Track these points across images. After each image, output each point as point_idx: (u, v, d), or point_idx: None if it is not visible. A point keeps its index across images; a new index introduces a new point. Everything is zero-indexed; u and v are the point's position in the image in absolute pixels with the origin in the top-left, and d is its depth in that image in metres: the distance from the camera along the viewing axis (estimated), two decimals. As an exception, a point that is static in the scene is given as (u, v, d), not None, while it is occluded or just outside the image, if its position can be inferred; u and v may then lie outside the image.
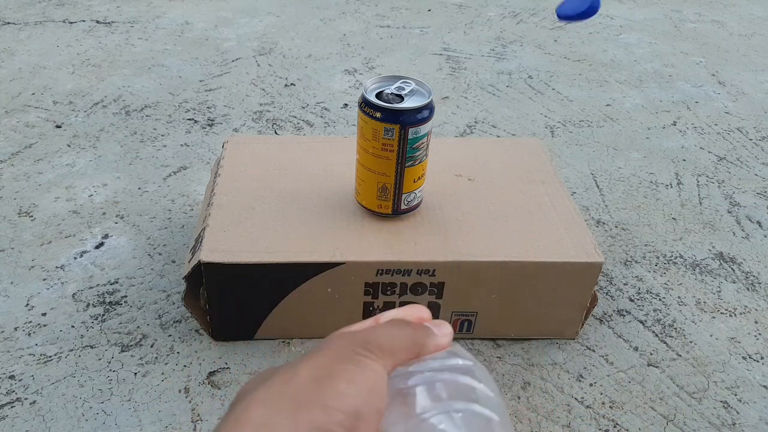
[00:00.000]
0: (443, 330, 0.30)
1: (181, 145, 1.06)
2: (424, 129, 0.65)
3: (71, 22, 1.49)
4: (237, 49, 1.40)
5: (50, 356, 0.69)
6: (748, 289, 0.84)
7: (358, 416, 0.24)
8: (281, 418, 0.23)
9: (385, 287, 0.68)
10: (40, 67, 1.29)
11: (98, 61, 1.32)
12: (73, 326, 0.73)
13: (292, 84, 1.27)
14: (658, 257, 0.88)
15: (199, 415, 0.64)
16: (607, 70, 1.40)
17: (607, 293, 0.81)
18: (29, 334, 0.72)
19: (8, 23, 1.47)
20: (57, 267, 0.81)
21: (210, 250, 0.65)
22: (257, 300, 0.69)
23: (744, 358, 0.74)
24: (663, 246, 0.90)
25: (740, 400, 0.69)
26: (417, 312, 0.32)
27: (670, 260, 0.88)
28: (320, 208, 0.72)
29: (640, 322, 0.78)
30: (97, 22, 1.50)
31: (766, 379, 0.71)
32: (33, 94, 1.19)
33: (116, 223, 0.88)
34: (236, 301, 0.69)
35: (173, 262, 0.82)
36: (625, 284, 0.83)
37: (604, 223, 0.94)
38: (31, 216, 0.89)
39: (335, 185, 0.75)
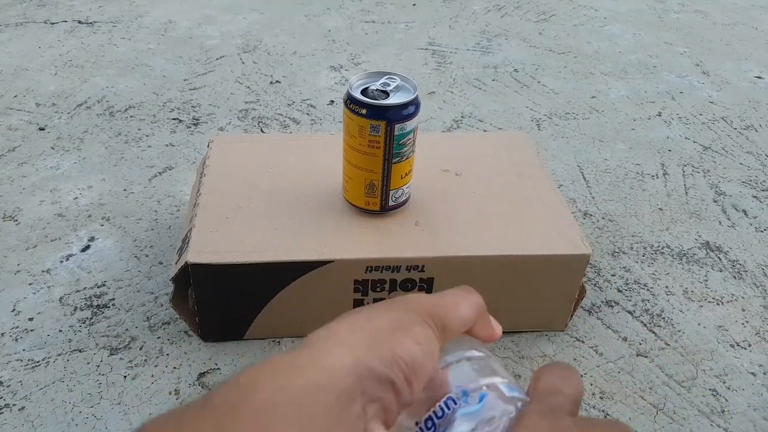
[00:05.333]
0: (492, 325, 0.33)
1: (166, 145, 1.05)
2: (410, 125, 0.64)
3: (53, 23, 1.47)
4: (221, 47, 1.39)
5: (38, 361, 0.69)
6: (734, 277, 0.84)
7: (415, 370, 0.27)
8: (358, 344, 0.27)
9: (374, 284, 0.68)
10: (21, 68, 1.27)
11: (81, 62, 1.31)
12: (60, 330, 0.72)
13: (277, 81, 1.26)
14: (645, 248, 0.88)
15: (190, 416, 0.64)
16: (591, 62, 1.40)
17: (595, 284, 0.82)
18: (16, 340, 0.71)
19: (-12, 25, 1.45)
20: (43, 271, 0.80)
21: (197, 251, 0.65)
22: (246, 300, 0.69)
23: (732, 345, 0.74)
24: (650, 236, 0.91)
25: (729, 388, 0.69)
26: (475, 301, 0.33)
27: (657, 250, 0.88)
28: (308, 206, 0.72)
29: (629, 312, 0.78)
30: (79, 22, 1.48)
31: (754, 366, 0.72)
32: (15, 96, 1.18)
33: (102, 225, 0.88)
34: (225, 302, 0.69)
35: (160, 263, 0.81)
36: (612, 275, 0.84)
37: (591, 215, 0.94)
38: (16, 220, 0.88)
39: (322, 183, 0.75)
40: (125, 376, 0.67)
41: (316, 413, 0.24)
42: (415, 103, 0.64)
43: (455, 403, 0.28)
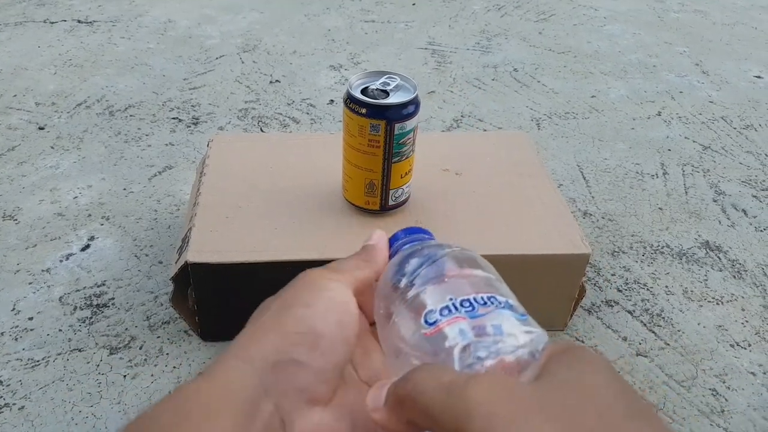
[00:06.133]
0: (376, 236, 0.36)
1: (166, 145, 1.05)
2: (410, 124, 0.64)
3: (52, 22, 1.47)
4: (221, 47, 1.39)
5: (38, 361, 0.69)
6: (734, 276, 0.84)
7: (316, 333, 0.28)
8: (250, 345, 0.28)
9: (374, 283, 0.68)
10: (21, 68, 1.27)
11: (80, 61, 1.31)
12: (60, 330, 0.72)
13: (277, 81, 1.26)
14: (645, 247, 0.88)
15: (189, 416, 0.64)
16: (591, 61, 1.40)
17: (595, 284, 0.82)
18: (16, 339, 0.71)
19: (-12, 24, 1.45)
20: (43, 270, 0.80)
21: (197, 250, 0.65)
22: (246, 299, 0.69)
23: (732, 345, 0.74)
24: (650, 236, 0.91)
25: (729, 387, 0.69)
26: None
27: (657, 250, 0.88)
28: (308, 205, 0.72)
29: (629, 312, 0.78)
30: (79, 21, 1.48)
31: (754, 366, 0.72)
32: (15, 95, 1.18)
33: (102, 224, 0.88)
34: (225, 301, 0.69)
35: (160, 263, 0.81)
36: (612, 275, 0.84)
37: (590, 215, 0.94)
38: (15, 219, 0.88)
39: (322, 182, 0.75)
40: (125, 376, 0.67)
41: (218, 428, 0.25)
42: (414, 103, 0.64)
43: (500, 303, 0.29)
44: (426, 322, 0.28)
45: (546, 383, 0.23)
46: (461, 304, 0.28)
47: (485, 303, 0.29)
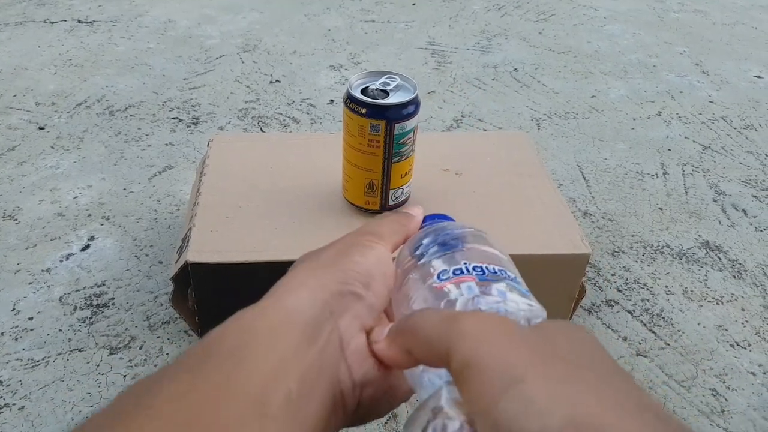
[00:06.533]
0: (415, 210, 0.40)
1: (166, 145, 1.05)
2: (410, 124, 0.64)
3: (52, 22, 1.47)
4: (221, 47, 1.39)
5: (38, 361, 0.69)
6: (734, 276, 0.84)
7: (370, 276, 0.32)
8: (313, 278, 0.31)
9: (374, 283, 0.68)
10: (21, 68, 1.27)
11: (80, 61, 1.31)
12: (60, 330, 0.72)
13: (277, 81, 1.26)
14: (645, 247, 0.88)
15: (189, 416, 0.64)
16: (591, 61, 1.40)
17: (595, 284, 0.82)
18: (16, 339, 0.71)
19: (-12, 24, 1.45)
20: (43, 270, 0.80)
21: (197, 250, 0.65)
22: (246, 299, 0.69)
23: (732, 345, 0.74)
24: (650, 236, 0.91)
25: (728, 387, 0.69)
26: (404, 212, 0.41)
27: (657, 250, 0.88)
28: (308, 205, 0.72)
29: (629, 312, 0.78)
30: (79, 21, 1.48)
31: (754, 366, 0.72)
32: (15, 95, 1.18)
33: (102, 224, 0.88)
34: (225, 301, 0.68)
35: (160, 263, 0.81)
36: (612, 275, 0.84)
37: (591, 215, 0.94)
38: (16, 219, 0.88)
39: (322, 182, 0.75)
40: (125, 376, 0.67)
41: (286, 341, 0.28)
42: (414, 103, 0.64)
43: (508, 276, 0.32)
44: (438, 278, 0.32)
45: (535, 328, 0.26)
46: (473, 269, 0.32)
47: (495, 272, 0.32)
